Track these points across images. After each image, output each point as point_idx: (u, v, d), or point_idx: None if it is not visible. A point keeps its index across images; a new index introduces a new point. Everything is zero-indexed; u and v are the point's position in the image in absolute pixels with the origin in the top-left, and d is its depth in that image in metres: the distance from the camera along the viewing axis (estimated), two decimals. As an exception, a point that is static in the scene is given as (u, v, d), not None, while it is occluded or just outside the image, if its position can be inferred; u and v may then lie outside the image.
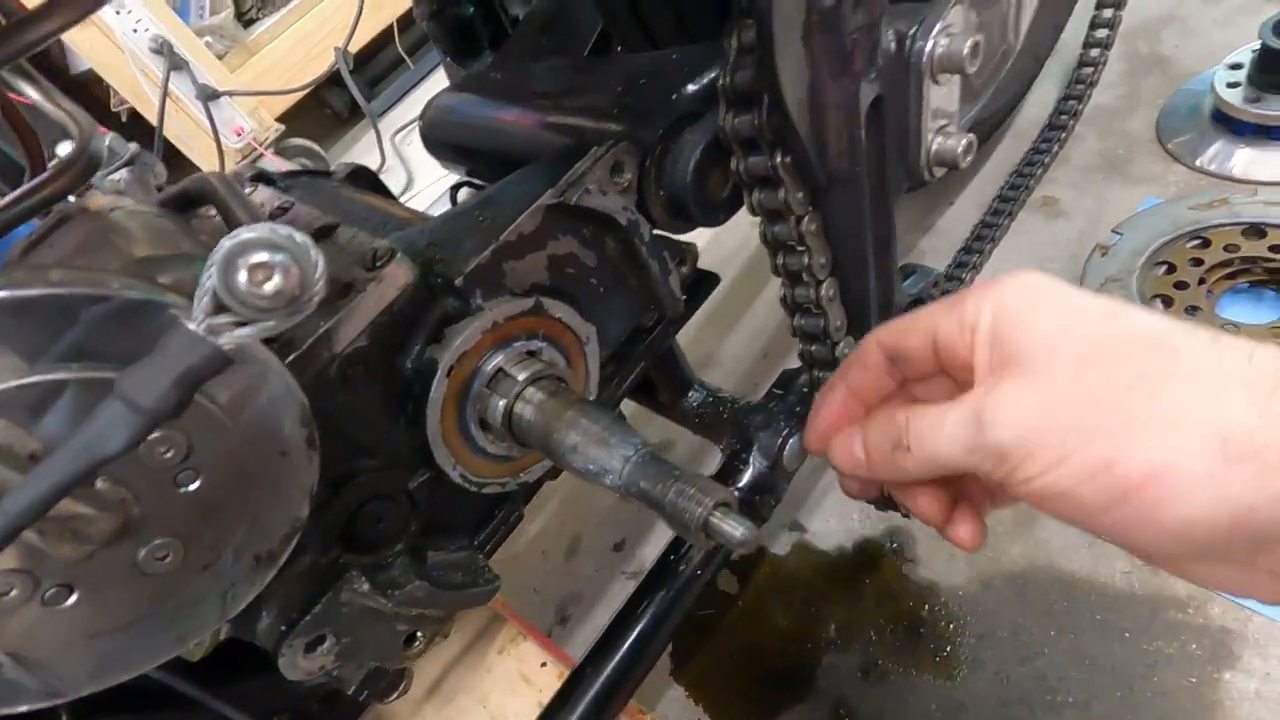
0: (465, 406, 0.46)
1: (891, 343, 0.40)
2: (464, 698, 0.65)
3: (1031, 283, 0.33)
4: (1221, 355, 0.28)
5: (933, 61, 0.47)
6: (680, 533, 0.37)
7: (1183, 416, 0.27)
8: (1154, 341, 0.29)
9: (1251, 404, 0.27)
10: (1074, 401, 0.29)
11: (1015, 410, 0.31)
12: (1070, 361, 0.30)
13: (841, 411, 0.43)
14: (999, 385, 0.32)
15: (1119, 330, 0.30)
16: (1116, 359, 0.29)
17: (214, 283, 0.26)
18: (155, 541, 0.32)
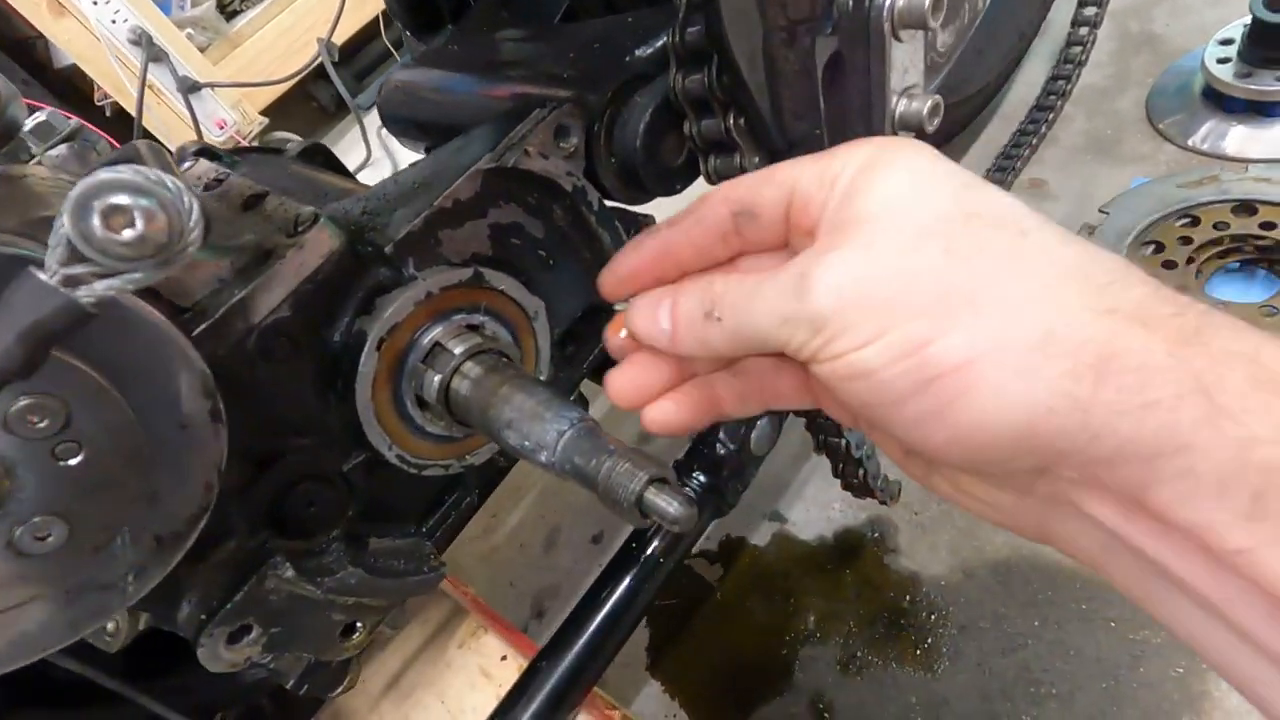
0: (400, 382, 0.43)
1: (741, 195, 0.33)
2: (422, 692, 0.62)
3: (903, 145, 0.30)
4: (1068, 245, 0.26)
5: (893, 15, 0.44)
6: (615, 511, 0.35)
7: (1012, 301, 0.25)
8: (1004, 221, 0.26)
9: (1081, 296, 0.24)
10: (906, 273, 0.26)
11: (842, 276, 0.27)
12: (912, 231, 0.27)
13: (652, 263, 0.36)
14: (831, 249, 0.28)
15: (970, 205, 0.27)
16: (959, 234, 0.26)
17: (66, 228, 0.24)
18: (34, 519, 0.29)
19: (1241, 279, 0.84)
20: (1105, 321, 0.23)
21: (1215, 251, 0.84)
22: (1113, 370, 0.23)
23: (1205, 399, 0.21)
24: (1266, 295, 0.80)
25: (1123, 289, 0.24)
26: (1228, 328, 0.23)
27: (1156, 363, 0.22)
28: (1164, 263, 0.84)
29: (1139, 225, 0.86)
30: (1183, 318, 0.23)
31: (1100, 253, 0.25)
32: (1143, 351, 0.23)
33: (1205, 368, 0.22)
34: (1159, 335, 0.23)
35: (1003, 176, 1.04)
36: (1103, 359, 0.23)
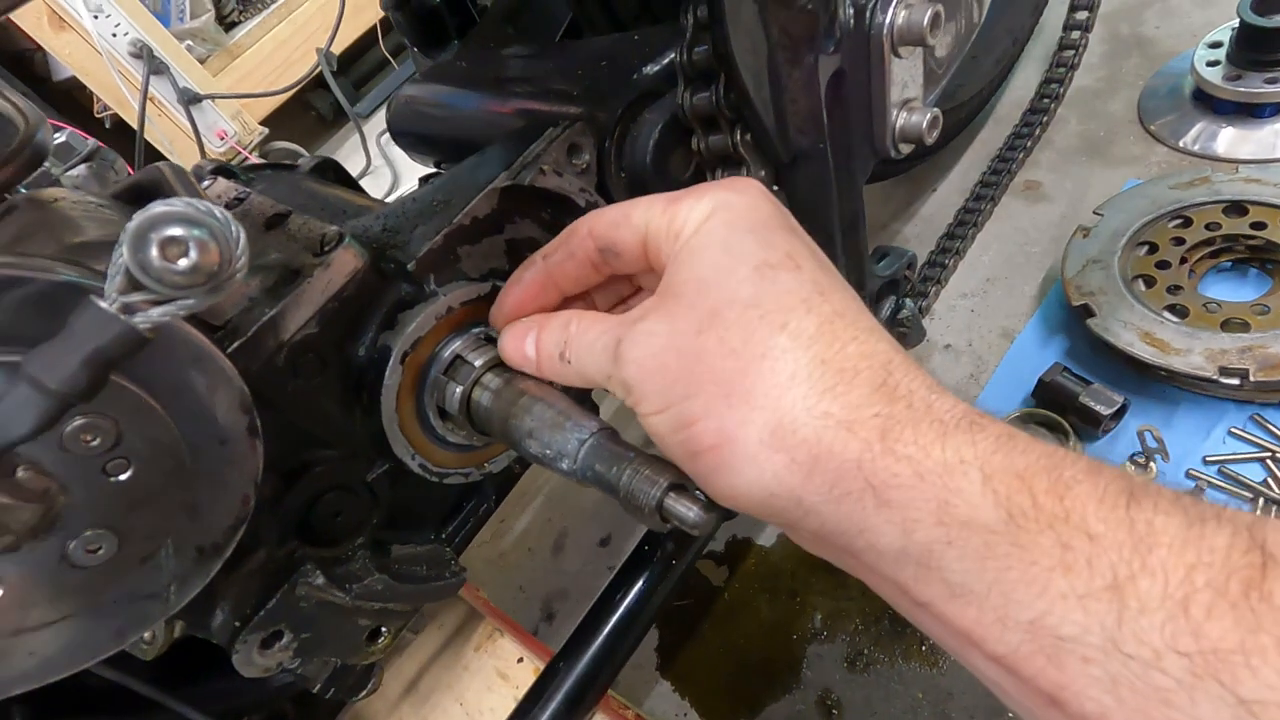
0: (422, 394, 0.45)
1: (603, 234, 0.37)
2: (441, 695, 0.64)
3: (735, 204, 0.33)
4: (815, 340, 0.29)
5: (893, 33, 0.46)
6: (636, 516, 0.36)
7: (755, 397, 0.29)
8: (773, 314, 0.30)
9: (805, 399, 0.28)
10: (688, 355, 0.31)
11: (644, 349, 0.32)
12: (705, 313, 0.31)
13: (536, 294, 0.40)
14: (645, 317, 0.33)
15: (753, 292, 0.31)
16: (735, 323, 0.30)
17: (125, 259, 0.25)
18: (86, 533, 0.31)
19: (1234, 278, 0.86)
20: (817, 424, 0.28)
21: (1208, 251, 0.86)
22: (817, 469, 0.28)
23: (875, 494, 0.27)
24: (1258, 294, 0.82)
25: (843, 392, 0.28)
26: (910, 427, 0.27)
27: (848, 466, 0.27)
28: (1158, 263, 0.85)
29: (1133, 226, 0.88)
30: (884, 417, 0.28)
31: (838, 353, 0.29)
32: (840, 455, 0.27)
33: (881, 468, 0.27)
34: (858, 438, 0.27)
35: (998, 179, 1.06)
36: (811, 458, 0.28)
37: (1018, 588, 0.24)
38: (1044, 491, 0.24)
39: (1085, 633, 0.22)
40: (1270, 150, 0.95)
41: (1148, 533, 0.22)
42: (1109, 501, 0.23)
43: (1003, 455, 0.26)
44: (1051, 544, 0.23)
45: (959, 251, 1.01)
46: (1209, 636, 0.20)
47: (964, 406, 0.28)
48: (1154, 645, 0.21)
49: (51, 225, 0.41)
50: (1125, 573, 0.22)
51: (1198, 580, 0.21)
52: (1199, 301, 0.80)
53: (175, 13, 1.93)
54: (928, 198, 1.16)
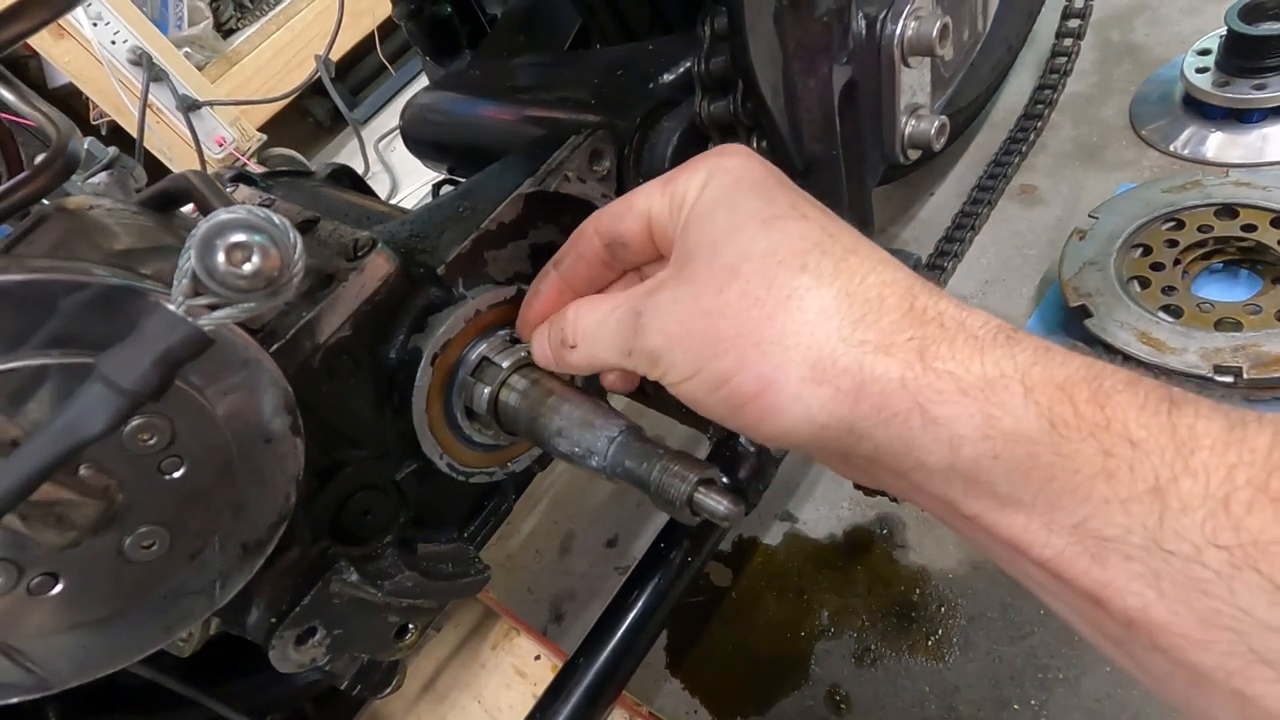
0: (451, 395, 0.46)
1: (608, 229, 0.38)
2: (459, 693, 0.65)
3: (731, 167, 0.34)
4: (836, 277, 0.30)
5: (903, 44, 0.47)
6: (666, 510, 0.38)
7: (787, 338, 0.30)
8: (790, 258, 0.31)
9: (839, 330, 0.29)
10: (713, 314, 0.31)
11: (668, 317, 0.33)
12: (722, 270, 0.31)
13: (555, 301, 0.41)
14: (663, 286, 0.33)
15: (767, 243, 0.31)
16: (755, 273, 0.31)
17: (192, 264, 0.26)
18: (141, 529, 0.32)
19: (1226, 279, 0.88)
20: (855, 352, 0.29)
21: (1200, 253, 0.88)
22: (863, 394, 0.28)
23: (921, 412, 0.27)
24: (1249, 294, 0.84)
25: (874, 320, 0.29)
26: (946, 344, 0.28)
27: (892, 387, 0.28)
28: (1152, 264, 0.88)
29: (1127, 229, 0.90)
30: (919, 339, 0.28)
31: (860, 285, 0.30)
32: (884, 377, 0.28)
33: (925, 385, 0.27)
34: (897, 359, 0.28)
35: (995, 183, 1.08)
36: (855, 385, 0.28)
37: (1062, 495, 0.25)
38: (1085, 400, 0.25)
39: (1127, 533, 0.23)
40: (1258, 155, 0.97)
41: (1189, 436, 0.23)
42: (1150, 408, 0.24)
43: (1042, 367, 0.26)
44: (1094, 451, 0.24)
45: (957, 254, 1.03)
46: (1249, 530, 0.21)
47: (997, 321, 0.28)
48: (1194, 540, 0.22)
49: (89, 233, 0.42)
50: (1167, 475, 0.23)
51: (1239, 479, 0.21)
52: (1193, 302, 0.82)
53: (173, 20, 1.93)
54: (926, 201, 1.18)
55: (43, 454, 0.24)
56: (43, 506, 0.27)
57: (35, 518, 0.27)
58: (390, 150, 2.10)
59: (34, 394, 0.28)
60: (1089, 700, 0.70)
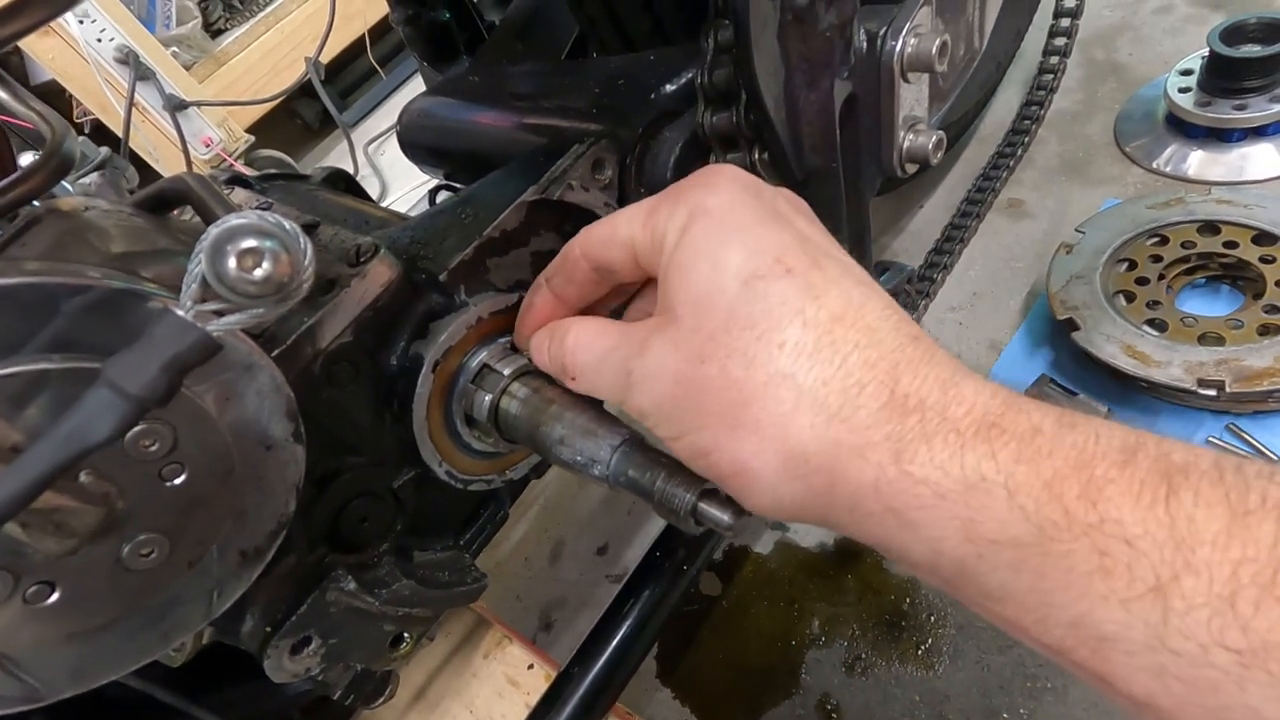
0: (451, 403, 0.46)
1: (595, 256, 0.38)
2: (450, 702, 0.64)
3: (712, 209, 0.32)
4: (816, 359, 0.29)
5: (903, 60, 0.48)
6: (669, 519, 0.38)
7: (763, 428, 0.29)
8: (770, 333, 0.30)
9: (813, 425, 0.28)
10: (695, 385, 0.31)
11: (654, 380, 0.33)
12: (704, 340, 0.31)
13: (550, 314, 0.42)
14: (649, 347, 0.33)
15: (747, 310, 0.30)
16: (735, 350, 0.30)
17: (202, 268, 0.26)
18: (140, 537, 0.31)
19: (1208, 294, 0.90)
20: (829, 451, 0.28)
21: (1183, 269, 0.90)
22: (837, 494, 0.28)
23: (896, 516, 0.27)
24: (1231, 309, 0.86)
25: (850, 413, 0.28)
26: (925, 444, 0.27)
27: (866, 491, 0.28)
28: (1137, 279, 0.89)
29: (1113, 244, 0.92)
30: (896, 438, 0.27)
31: (840, 369, 0.29)
32: (856, 480, 0.28)
33: (900, 490, 0.27)
34: (870, 463, 0.27)
35: (983, 196, 1.09)
36: (828, 484, 0.28)
37: (1055, 593, 0.24)
38: (1075, 498, 0.24)
39: (1128, 630, 0.22)
40: (1238, 173, 1.00)
41: (1189, 531, 0.22)
42: (1146, 498, 0.23)
43: (1026, 465, 0.25)
44: (1087, 551, 0.23)
45: (947, 266, 1.05)
46: (1257, 631, 0.20)
47: (983, 403, 0.27)
48: (1200, 640, 0.21)
49: (86, 235, 0.41)
50: (1168, 574, 0.22)
51: (1243, 576, 0.21)
52: (1177, 316, 0.84)
53: (161, 18, 1.91)
54: (915, 213, 1.20)
55: (47, 460, 0.24)
56: (43, 513, 0.27)
57: (35, 525, 0.27)
58: (380, 154, 2.09)
59: (35, 399, 0.27)
60: (1076, 710, 0.71)
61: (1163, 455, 0.24)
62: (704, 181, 0.34)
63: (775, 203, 0.34)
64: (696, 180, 0.34)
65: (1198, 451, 0.24)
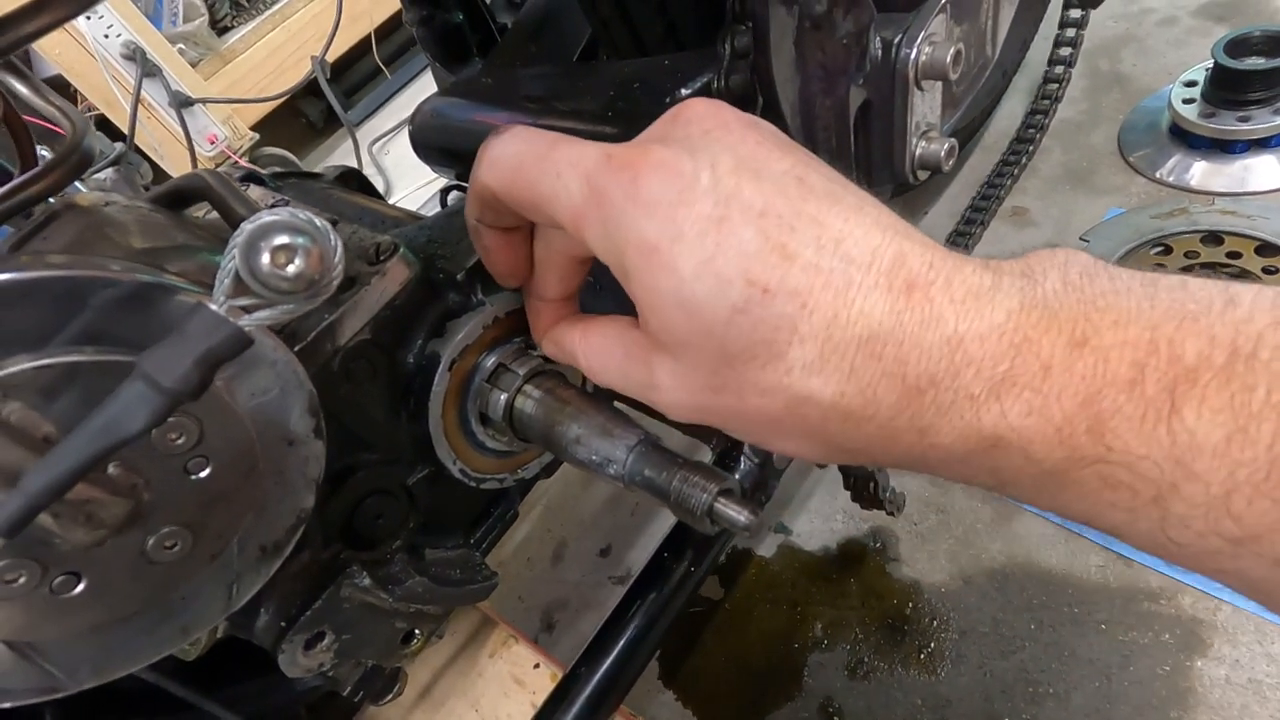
0: (466, 402, 0.46)
1: (582, 255, 0.38)
2: (456, 701, 0.64)
3: (655, 245, 0.29)
4: (822, 375, 0.28)
5: (917, 68, 0.49)
6: (686, 519, 0.38)
7: (796, 435, 0.31)
8: (770, 360, 0.29)
9: (843, 432, 0.29)
10: (716, 410, 0.32)
11: (678, 410, 0.33)
12: (707, 374, 0.30)
13: (554, 318, 0.42)
14: (657, 373, 0.33)
15: (742, 345, 0.29)
16: (743, 381, 0.30)
17: (236, 264, 0.26)
18: (164, 529, 0.31)
19: (1210, 303, 0.91)
20: (863, 444, 0.30)
21: (1186, 278, 0.90)
22: (877, 459, 0.30)
23: (931, 465, 0.29)
24: (1233, 319, 0.86)
25: (871, 414, 0.28)
26: (944, 417, 0.27)
27: (899, 454, 0.29)
28: (1140, 288, 0.90)
29: (1118, 253, 0.92)
30: (916, 422, 0.28)
31: (848, 384, 0.28)
32: (891, 450, 0.29)
33: (931, 457, 0.28)
34: (901, 443, 0.29)
35: (988, 204, 1.10)
36: (869, 457, 0.30)
37: (1070, 504, 0.26)
38: (1084, 434, 0.25)
39: (1132, 525, 0.25)
40: (1241, 184, 1.00)
41: (1190, 445, 0.23)
42: (1150, 419, 0.23)
43: (1038, 416, 0.25)
44: (1094, 477, 0.25)
45: (951, 273, 1.05)
46: (1247, 521, 0.22)
47: (991, 353, 0.26)
48: (1198, 529, 0.23)
49: (107, 230, 0.41)
50: (1168, 485, 0.23)
51: (1239, 476, 0.22)
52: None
53: (168, 15, 1.92)
54: (920, 220, 1.20)
55: (83, 450, 0.24)
56: (74, 504, 0.27)
57: (66, 515, 0.27)
58: (384, 153, 2.09)
59: (66, 391, 0.28)
60: (1078, 715, 0.71)
61: (1174, 360, 0.23)
62: (634, 192, 0.29)
63: (719, 186, 0.29)
64: (626, 184, 0.30)
65: (1215, 338, 0.23)
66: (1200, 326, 0.23)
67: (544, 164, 0.33)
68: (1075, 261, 0.27)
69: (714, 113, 0.32)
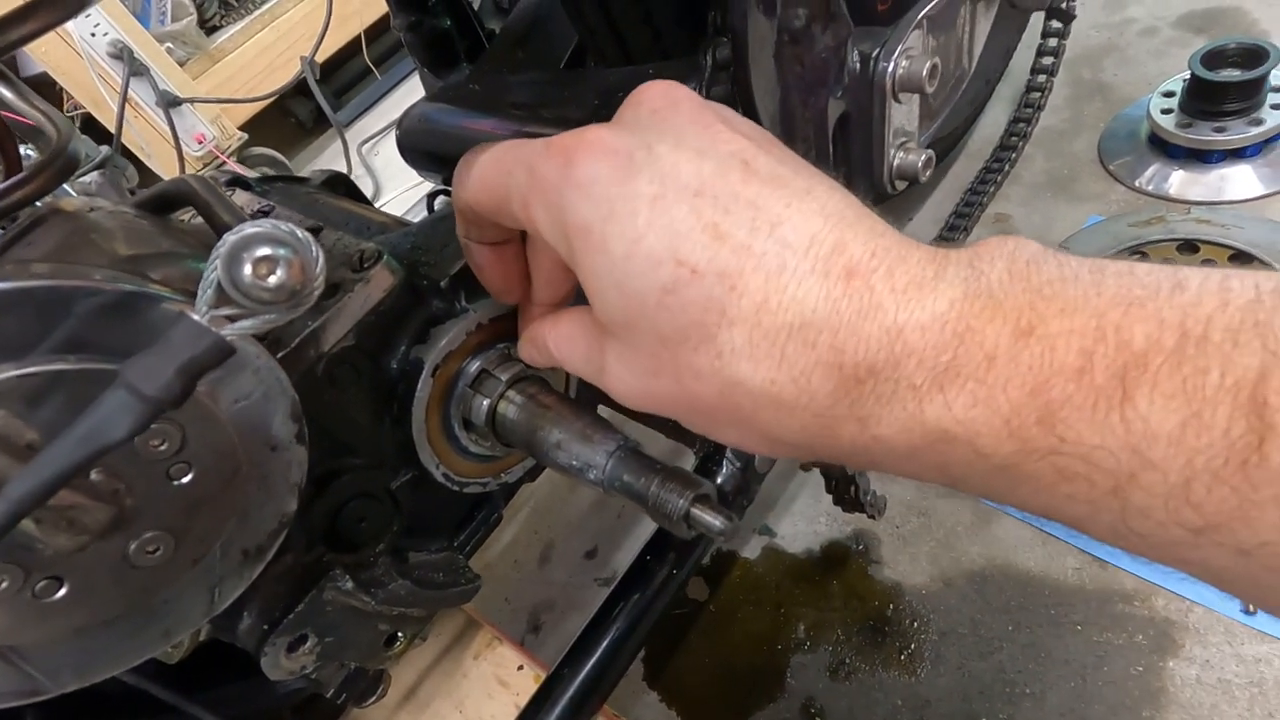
0: (449, 407, 0.47)
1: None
2: (440, 702, 0.65)
3: (590, 226, 0.29)
4: (753, 358, 0.28)
5: (895, 81, 0.50)
6: (663, 524, 0.39)
7: (734, 424, 0.30)
8: (701, 342, 0.28)
9: (779, 422, 0.29)
10: (659, 395, 0.32)
11: (626, 397, 0.33)
12: (646, 357, 0.30)
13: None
14: (605, 358, 0.33)
15: (672, 328, 0.28)
16: (678, 364, 0.29)
17: (218, 274, 0.27)
18: (147, 534, 0.32)
19: (1186, 310, 0.93)
20: (801, 435, 0.29)
21: (1163, 285, 0.92)
22: (822, 453, 0.30)
23: (877, 461, 0.28)
24: (1208, 326, 0.88)
25: (807, 403, 0.28)
26: (886, 407, 0.26)
27: (843, 446, 0.28)
28: (1118, 295, 0.91)
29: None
30: (857, 412, 0.27)
31: (779, 359, 0.27)
32: (835, 445, 0.28)
33: (875, 450, 0.28)
34: (845, 433, 0.28)
35: (970, 211, 1.12)
36: (812, 450, 0.30)
37: (1027, 499, 0.26)
38: (1034, 424, 0.24)
39: (1093, 518, 0.24)
40: (1217, 193, 1.02)
41: (1144, 433, 0.22)
42: (1101, 408, 0.23)
43: (983, 407, 0.24)
44: (1049, 470, 0.24)
45: (934, 278, 1.07)
46: (1207, 510, 0.21)
47: (932, 343, 0.25)
48: (1159, 519, 0.22)
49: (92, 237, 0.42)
50: (1125, 475, 0.23)
51: (1197, 464, 0.21)
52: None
53: (156, 14, 1.91)
54: (904, 226, 1.22)
55: (65, 457, 0.25)
56: (57, 510, 0.27)
57: (48, 521, 0.27)
58: (374, 154, 2.09)
59: (49, 398, 0.28)
60: (1054, 715, 0.73)
61: (1123, 346, 0.23)
62: (568, 173, 0.29)
63: (655, 164, 0.28)
64: (561, 167, 0.30)
65: (1164, 321, 0.22)
66: (1148, 311, 0.23)
67: (500, 166, 0.33)
68: (1023, 250, 0.26)
69: (665, 93, 0.32)
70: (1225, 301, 0.22)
